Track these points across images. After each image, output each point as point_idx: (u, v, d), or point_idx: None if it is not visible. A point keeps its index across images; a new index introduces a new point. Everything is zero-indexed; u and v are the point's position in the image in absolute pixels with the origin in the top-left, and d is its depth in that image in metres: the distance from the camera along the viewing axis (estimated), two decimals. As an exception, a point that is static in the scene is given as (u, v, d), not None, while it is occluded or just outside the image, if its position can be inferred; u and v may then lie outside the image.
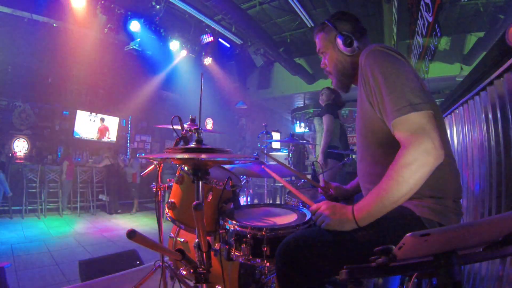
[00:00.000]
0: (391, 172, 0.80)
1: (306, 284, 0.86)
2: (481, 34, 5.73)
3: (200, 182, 1.10)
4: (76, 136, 7.03)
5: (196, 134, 1.16)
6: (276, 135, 7.66)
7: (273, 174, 1.42)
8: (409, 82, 0.83)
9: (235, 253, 1.13)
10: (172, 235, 1.78)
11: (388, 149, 0.90)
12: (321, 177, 2.97)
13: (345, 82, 1.11)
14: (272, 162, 1.55)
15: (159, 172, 1.74)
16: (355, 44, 1.04)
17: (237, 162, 1.72)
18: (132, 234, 0.71)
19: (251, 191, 4.52)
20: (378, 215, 0.82)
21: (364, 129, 1.00)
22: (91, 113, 7.26)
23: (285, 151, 6.73)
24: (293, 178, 3.59)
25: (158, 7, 5.74)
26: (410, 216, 0.88)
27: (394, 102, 0.82)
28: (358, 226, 0.83)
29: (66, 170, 5.49)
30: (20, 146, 6.22)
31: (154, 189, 1.70)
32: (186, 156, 1.00)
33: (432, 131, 0.77)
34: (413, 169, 0.76)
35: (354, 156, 2.93)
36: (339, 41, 1.05)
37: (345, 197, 1.37)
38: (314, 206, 0.94)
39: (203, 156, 0.98)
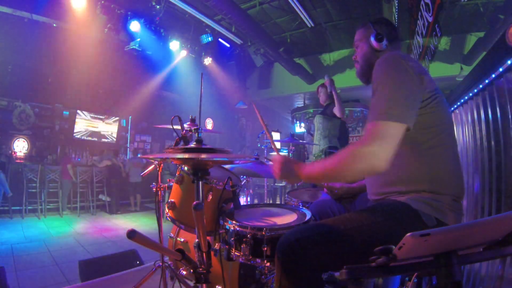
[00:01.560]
0: (341, 154, 0.90)
1: (304, 275, 0.88)
2: (481, 34, 5.73)
3: (200, 182, 1.10)
4: (76, 136, 7.04)
5: (196, 134, 1.16)
6: (276, 135, 7.66)
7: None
8: (401, 94, 0.89)
9: (235, 253, 1.13)
10: (172, 235, 1.78)
11: None
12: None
13: (366, 71, 1.19)
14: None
15: (159, 172, 1.74)
16: (385, 42, 1.14)
17: (237, 162, 1.72)
18: (132, 234, 0.71)
19: (251, 191, 4.52)
20: (317, 181, 1.08)
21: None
22: (91, 113, 7.26)
23: (285, 151, 6.73)
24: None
25: (158, 7, 5.73)
26: (406, 209, 0.91)
27: (377, 105, 0.90)
28: (301, 181, 1.02)
29: (66, 170, 5.49)
30: (20, 146, 6.22)
31: (154, 189, 1.70)
32: (186, 156, 1.00)
33: (389, 144, 0.85)
34: (356, 161, 0.86)
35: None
36: (372, 37, 1.16)
37: (351, 195, 1.39)
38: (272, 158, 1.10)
39: (203, 156, 0.99)
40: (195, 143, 1.15)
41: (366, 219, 0.90)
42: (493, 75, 1.21)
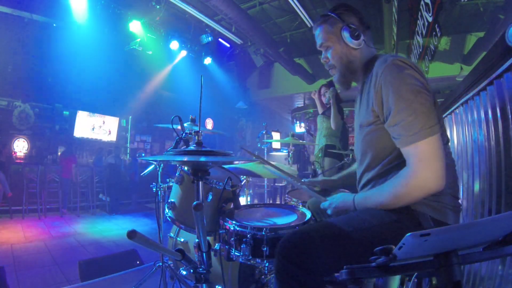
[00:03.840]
0: (391, 185, 0.88)
1: (306, 279, 0.82)
2: (481, 34, 5.72)
3: (200, 182, 1.10)
4: (76, 136, 7.03)
5: (197, 137, 1.16)
6: (276, 135, 7.65)
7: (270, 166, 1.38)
8: (423, 104, 0.83)
9: (235, 253, 1.13)
10: (172, 235, 1.78)
11: (381, 154, 0.97)
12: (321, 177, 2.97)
13: (349, 78, 1.08)
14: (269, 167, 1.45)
15: (159, 173, 1.74)
16: (362, 37, 1.00)
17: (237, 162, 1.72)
18: (132, 234, 0.71)
19: (251, 191, 4.52)
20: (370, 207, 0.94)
21: (363, 134, 1.03)
22: (91, 113, 7.25)
23: (285, 151, 6.73)
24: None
25: (158, 7, 5.73)
26: (405, 211, 0.89)
27: (406, 126, 0.84)
28: (355, 209, 0.97)
29: (68, 169, 5.49)
30: (20, 146, 6.21)
31: (154, 189, 1.70)
32: (185, 159, 1.00)
33: (436, 161, 0.82)
34: (409, 192, 0.84)
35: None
36: (346, 34, 1.00)
37: (334, 188, 1.42)
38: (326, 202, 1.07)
39: (202, 159, 0.99)
40: (195, 145, 1.14)
41: (375, 220, 0.88)
42: (493, 75, 1.21)
